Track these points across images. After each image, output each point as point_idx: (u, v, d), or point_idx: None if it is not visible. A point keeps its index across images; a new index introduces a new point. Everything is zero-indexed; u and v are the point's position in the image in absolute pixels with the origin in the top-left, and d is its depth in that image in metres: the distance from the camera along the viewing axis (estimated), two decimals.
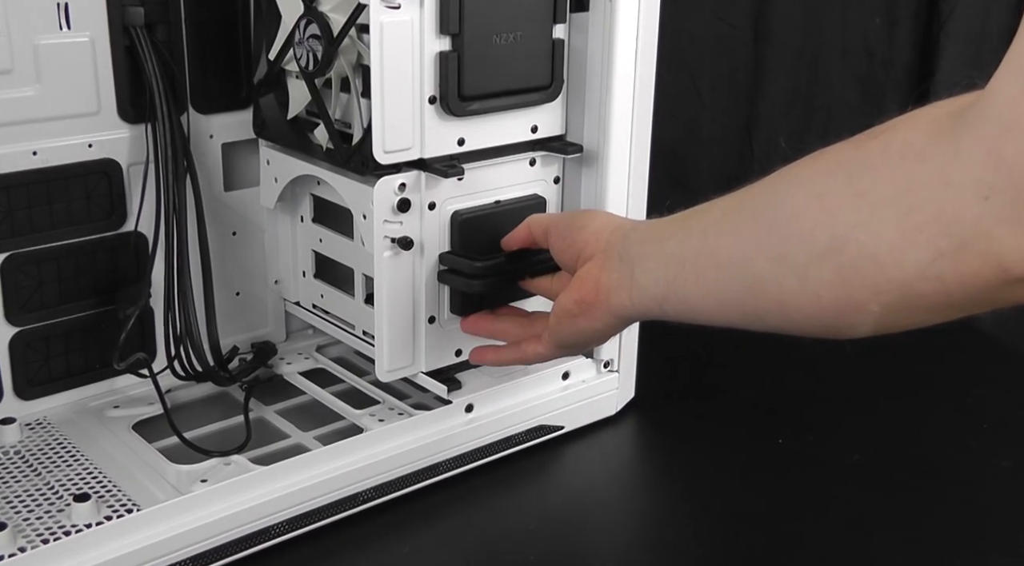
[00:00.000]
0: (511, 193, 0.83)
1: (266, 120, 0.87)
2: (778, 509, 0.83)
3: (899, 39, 1.37)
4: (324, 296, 0.92)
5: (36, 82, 0.79)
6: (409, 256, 0.78)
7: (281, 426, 0.87)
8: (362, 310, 0.87)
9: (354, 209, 0.82)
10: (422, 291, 0.80)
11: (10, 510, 0.74)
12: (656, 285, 0.62)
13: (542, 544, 0.78)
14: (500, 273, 0.77)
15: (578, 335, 0.70)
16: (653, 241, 0.64)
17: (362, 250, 0.84)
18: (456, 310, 0.81)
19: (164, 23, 0.84)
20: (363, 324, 0.88)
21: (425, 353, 0.82)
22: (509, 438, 0.87)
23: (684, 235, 0.61)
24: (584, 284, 0.67)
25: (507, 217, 0.80)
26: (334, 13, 0.77)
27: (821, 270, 0.51)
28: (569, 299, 0.68)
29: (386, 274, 0.78)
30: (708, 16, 1.31)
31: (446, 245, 0.80)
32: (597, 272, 0.67)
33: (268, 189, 0.90)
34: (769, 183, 0.56)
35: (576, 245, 0.69)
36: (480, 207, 0.81)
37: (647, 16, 0.83)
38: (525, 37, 0.80)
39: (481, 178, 0.81)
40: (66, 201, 0.83)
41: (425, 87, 0.77)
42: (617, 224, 0.69)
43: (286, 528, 0.75)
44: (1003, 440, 0.93)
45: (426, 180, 0.77)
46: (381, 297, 0.78)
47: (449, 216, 0.80)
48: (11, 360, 0.83)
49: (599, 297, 0.66)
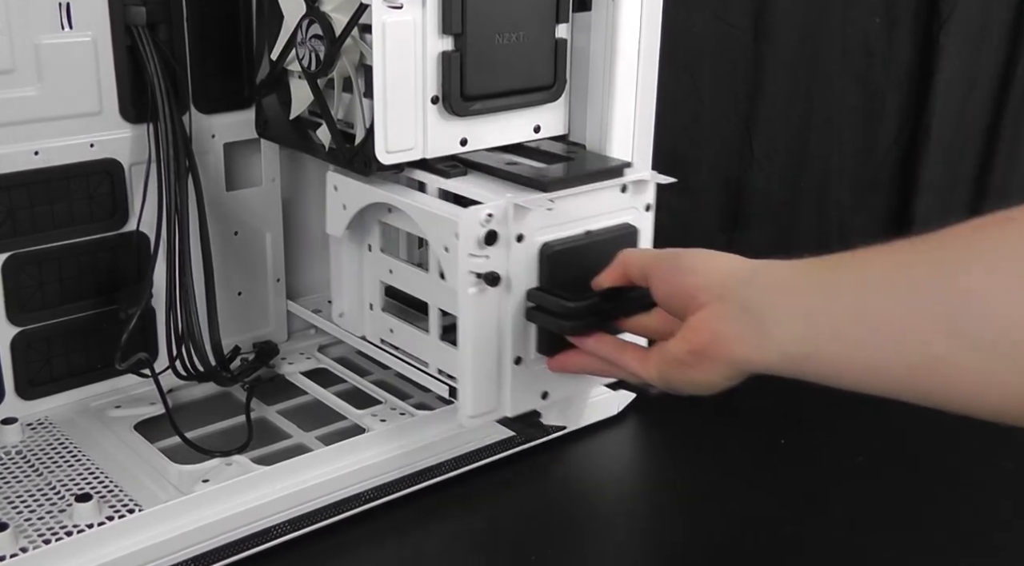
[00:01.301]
0: (601, 222, 0.76)
1: (268, 120, 0.87)
2: (780, 510, 0.83)
3: (899, 39, 1.37)
4: (394, 331, 0.85)
5: (38, 82, 0.79)
6: (495, 293, 0.71)
7: (283, 426, 0.87)
8: (437, 347, 0.81)
9: (433, 241, 0.75)
10: (508, 330, 0.73)
11: (12, 510, 0.74)
12: (795, 343, 0.57)
13: (543, 544, 0.78)
14: (595, 313, 0.71)
15: (689, 385, 0.64)
16: (786, 291, 0.58)
17: (438, 283, 0.79)
18: (544, 349, 0.74)
19: (166, 23, 0.84)
20: (439, 362, 0.82)
21: (511, 396, 0.75)
22: (511, 438, 0.87)
23: (831, 291, 0.56)
24: (699, 333, 0.61)
25: (598, 249, 0.74)
26: (336, 13, 0.77)
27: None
28: (681, 349, 0.62)
29: (471, 312, 0.71)
30: (708, 16, 1.31)
31: (534, 280, 0.73)
32: (714, 321, 0.60)
33: (336, 217, 0.84)
34: (941, 251, 0.53)
35: (685, 290, 0.63)
36: (570, 238, 0.74)
37: (649, 15, 0.83)
38: (528, 37, 0.80)
39: (571, 207, 0.74)
40: (68, 201, 0.83)
41: (428, 87, 0.77)
42: (732, 267, 0.63)
43: (288, 528, 0.75)
44: (1005, 440, 0.93)
45: (514, 210, 0.71)
46: (465, 337, 0.72)
47: (538, 249, 0.73)
48: (13, 360, 0.83)
49: (717, 348, 0.60)
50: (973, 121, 1.40)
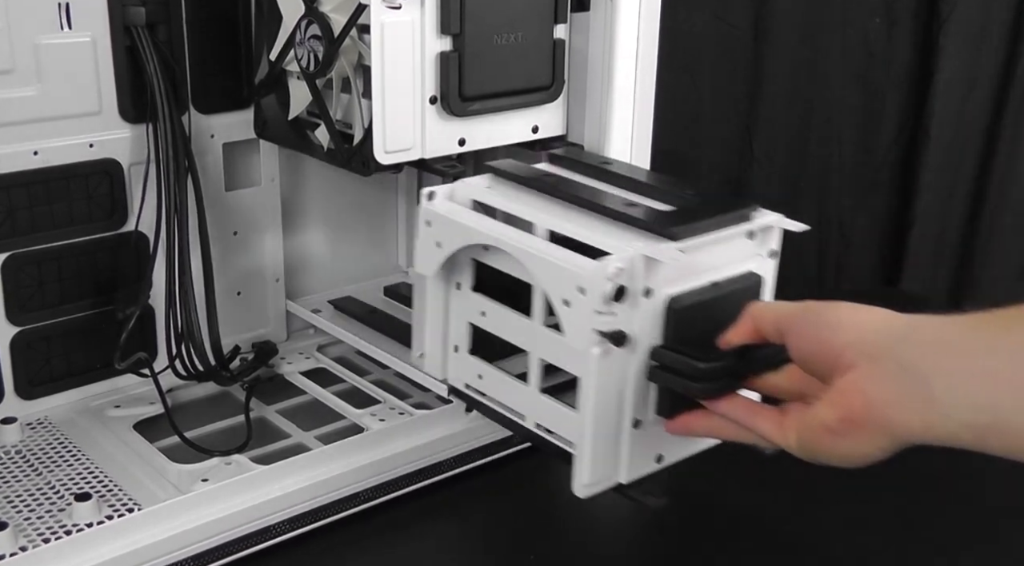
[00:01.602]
0: (726, 272, 0.68)
1: (267, 120, 0.88)
2: (779, 509, 0.83)
3: (899, 39, 1.37)
4: (483, 377, 0.76)
5: (37, 82, 0.80)
6: (620, 353, 0.64)
7: (282, 426, 0.87)
8: (537, 400, 0.72)
9: (552, 292, 0.66)
10: (629, 391, 0.66)
11: (11, 509, 0.74)
12: (975, 412, 0.50)
13: (542, 544, 0.78)
14: (729, 375, 0.64)
15: (836, 456, 0.57)
16: (954, 352, 0.52)
17: (543, 332, 0.70)
18: (664, 411, 0.67)
19: (165, 23, 0.84)
20: (538, 416, 0.73)
21: (628, 461, 0.68)
22: (510, 438, 0.87)
23: (1010, 351, 0.50)
24: (850, 398, 0.55)
25: (725, 302, 0.67)
26: (335, 13, 0.77)
27: None
28: (830, 416, 0.56)
29: (596, 375, 0.64)
30: (708, 16, 1.31)
31: (658, 336, 0.66)
32: (867, 384, 0.54)
33: (428, 255, 0.74)
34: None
35: (831, 349, 0.57)
36: (697, 291, 0.66)
37: (648, 16, 0.83)
38: (526, 37, 0.80)
39: (698, 256, 0.67)
40: (67, 201, 0.83)
41: (426, 87, 0.77)
42: (883, 323, 0.56)
43: (287, 527, 0.75)
44: None
45: (645, 263, 0.63)
46: (587, 400, 0.65)
47: (665, 303, 0.65)
48: (12, 360, 0.83)
49: (871, 414, 0.54)
50: (973, 121, 1.40)
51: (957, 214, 1.46)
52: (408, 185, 1.05)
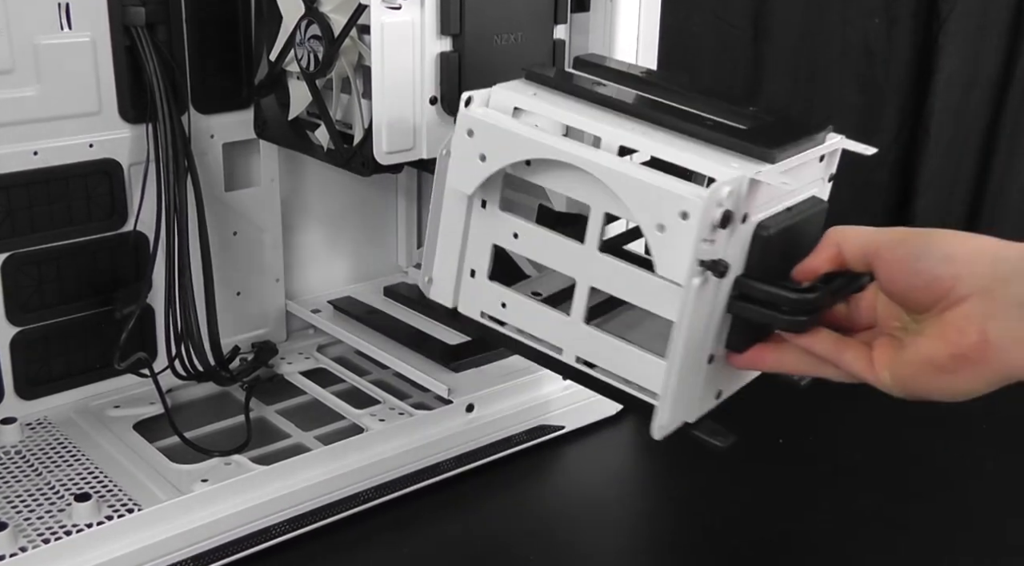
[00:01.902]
0: (797, 197, 0.64)
1: (267, 121, 0.88)
2: (778, 509, 0.83)
3: (899, 39, 1.37)
4: (508, 306, 0.68)
5: (37, 82, 0.80)
6: (713, 283, 0.59)
7: (282, 426, 0.87)
8: (579, 332, 0.65)
9: (643, 217, 0.59)
10: (713, 325, 0.61)
11: (11, 510, 0.74)
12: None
13: (542, 544, 0.78)
14: (822, 306, 0.60)
15: (939, 392, 0.55)
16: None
17: (596, 257, 0.63)
18: (734, 345, 0.63)
19: (165, 23, 0.84)
20: (578, 349, 0.66)
21: (700, 399, 0.64)
22: (510, 438, 0.87)
23: None
24: (964, 334, 0.52)
25: (799, 229, 0.62)
26: (335, 14, 0.77)
27: None
28: (941, 352, 0.53)
29: (692, 307, 0.58)
30: (708, 16, 1.31)
31: (740, 266, 0.61)
32: (980, 319, 0.52)
33: (467, 169, 0.65)
34: None
35: (937, 280, 0.53)
36: (778, 216, 0.61)
37: (647, 16, 0.83)
38: (526, 38, 0.80)
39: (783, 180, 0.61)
40: (67, 201, 0.83)
41: (426, 88, 0.77)
42: (995, 253, 0.53)
43: (287, 528, 0.75)
44: (990, 441, 0.93)
45: (749, 185, 0.58)
46: (679, 336, 0.59)
47: (753, 230, 0.60)
48: (12, 360, 0.83)
49: (988, 353, 0.52)
50: (973, 121, 1.40)
51: (957, 214, 1.46)
52: (408, 186, 1.05)
